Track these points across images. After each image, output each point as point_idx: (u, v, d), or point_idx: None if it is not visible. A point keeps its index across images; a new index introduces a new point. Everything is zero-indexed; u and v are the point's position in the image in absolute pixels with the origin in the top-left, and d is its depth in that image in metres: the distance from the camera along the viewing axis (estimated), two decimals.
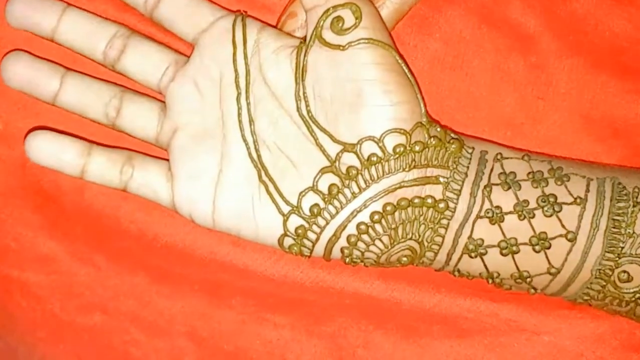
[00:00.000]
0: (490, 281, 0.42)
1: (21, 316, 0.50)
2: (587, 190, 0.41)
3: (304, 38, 0.41)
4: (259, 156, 0.41)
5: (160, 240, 0.47)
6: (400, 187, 0.40)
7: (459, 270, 0.42)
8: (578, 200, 0.40)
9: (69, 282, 0.49)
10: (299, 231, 0.40)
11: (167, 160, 0.43)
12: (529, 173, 0.41)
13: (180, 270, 0.47)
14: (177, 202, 0.42)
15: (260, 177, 0.41)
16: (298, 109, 0.40)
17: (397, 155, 0.39)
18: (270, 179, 0.41)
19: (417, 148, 0.39)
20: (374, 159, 0.39)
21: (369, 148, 0.39)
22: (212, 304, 0.48)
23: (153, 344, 0.49)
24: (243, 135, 0.41)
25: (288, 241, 0.41)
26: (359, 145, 0.39)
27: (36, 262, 0.49)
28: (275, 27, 0.43)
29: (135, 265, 0.48)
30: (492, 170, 0.41)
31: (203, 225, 0.42)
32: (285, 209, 0.40)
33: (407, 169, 0.40)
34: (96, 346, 0.49)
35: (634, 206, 0.41)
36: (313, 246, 0.41)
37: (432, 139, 0.40)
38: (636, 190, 0.41)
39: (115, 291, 0.48)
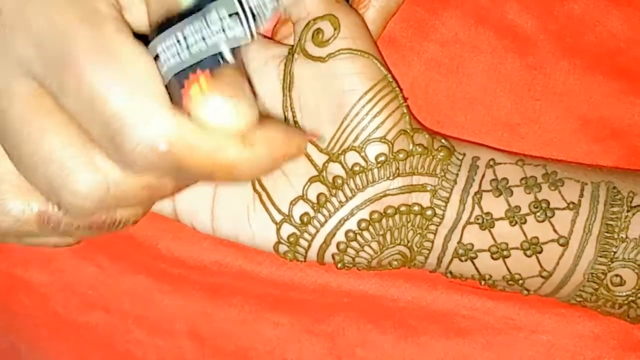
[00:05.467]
0: (482, 282, 0.42)
1: (24, 314, 0.51)
2: (581, 195, 0.41)
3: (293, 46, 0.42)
4: None
5: (161, 243, 0.48)
6: (385, 196, 0.40)
7: (451, 272, 0.42)
8: (571, 206, 0.40)
9: (72, 281, 0.49)
10: (291, 239, 0.41)
11: None
12: (522, 179, 0.41)
13: (180, 270, 0.48)
14: (178, 213, 0.42)
15: (254, 186, 0.41)
16: (286, 119, 0.41)
17: (380, 165, 0.40)
18: (264, 188, 0.41)
19: (400, 156, 0.40)
20: (357, 168, 0.40)
21: (352, 158, 0.40)
22: (213, 303, 0.48)
23: (154, 343, 0.49)
24: None
25: (282, 248, 0.41)
26: (343, 155, 0.40)
27: (39, 261, 0.49)
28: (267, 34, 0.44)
29: (137, 265, 0.49)
30: (483, 176, 0.41)
31: (204, 232, 0.43)
32: (278, 217, 0.41)
33: (391, 178, 0.40)
34: (98, 345, 0.50)
35: (627, 211, 0.41)
36: (306, 252, 0.41)
37: (417, 146, 0.40)
38: (631, 194, 0.41)
39: (117, 290, 0.49)
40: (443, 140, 0.41)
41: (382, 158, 0.39)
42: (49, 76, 0.31)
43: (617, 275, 0.40)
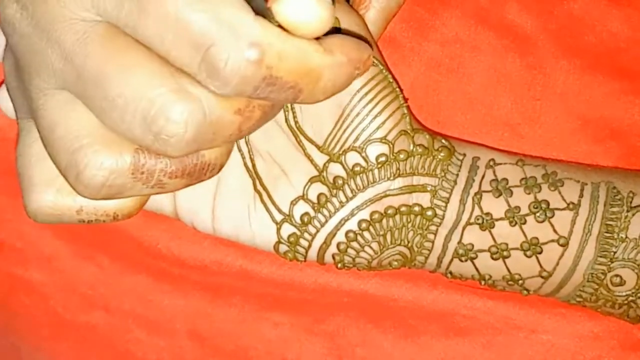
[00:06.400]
0: (482, 282, 0.42)
1: (24, 314, 0.51)
2: (581, 196, 0.41)
3: None
4: (253, 165, 0.41)
5: (161, 243, 0.48)
6: (386, 196, 0.40)
7: (451, 273, 0.42)
8: (571, 206, 0.40)
9: (72, 280, 0.49)
10: (292, 239, 0.41)
11: None
12: (522, 179, 0.41)
13: (180, 270, 0.48)
14: (179, 212, 0.42)
15: (255, 186, 0.41)
16: (286, 119, 0.41)
17: (380, 165, 0.40)
18: (264, 188, 0.41)
19: (401, 157, 0.40)
20: (358, 168, 0.40)
21: (353, 158, 0.40)
22: (213, 303, 0.48)
23: (154, 343, 0.49)
24: (238, 145, 0.41)
25: (283, 248, 0.41)
26: (343, 156, 0.40)
27: (40, 261, 0.50)
28: None
29: (137, 265, 0.49)
30: (483, 176, 0.41)
31: (204, 232, 0.43)
32: (278, 217, 0.41)
33: (391, 178, 0.40)
34: (98, 344, 0.50)
35: (627, 211, 0.41)
36: (306, 252, 0.41)
37: (417, 147, 0.40)
38: (630, 194, 0.41)
39: (117, 290, 0.49)
40: (443, 141, 0.41)
41: (383, 158, 0.39)
42: (123, 11, 0.30)
43: (617, 275, 0.40)
